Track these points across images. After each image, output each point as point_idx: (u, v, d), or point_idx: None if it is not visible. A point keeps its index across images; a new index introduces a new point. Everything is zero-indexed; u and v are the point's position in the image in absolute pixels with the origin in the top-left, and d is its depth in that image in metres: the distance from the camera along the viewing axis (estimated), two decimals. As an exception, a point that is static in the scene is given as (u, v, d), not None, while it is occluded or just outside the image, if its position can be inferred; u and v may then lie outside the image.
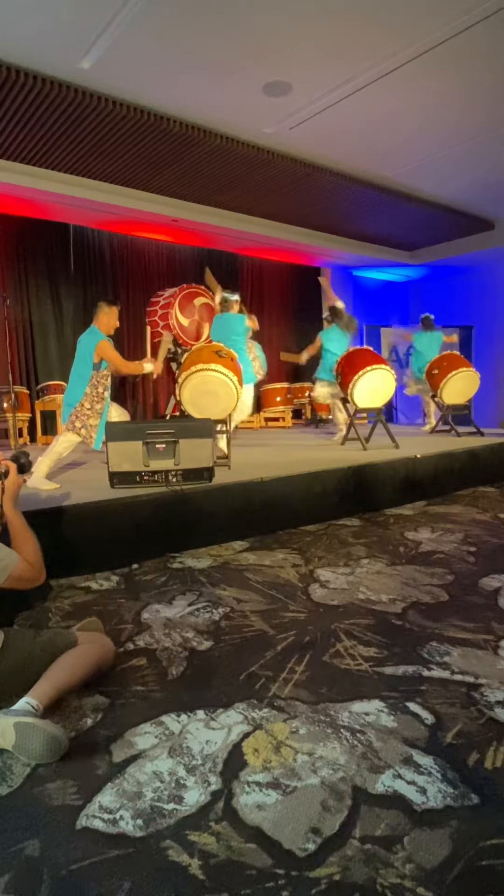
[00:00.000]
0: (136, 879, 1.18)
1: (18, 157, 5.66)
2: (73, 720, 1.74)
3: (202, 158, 5.84)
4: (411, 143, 5.89)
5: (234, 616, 2.53)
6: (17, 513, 2.08)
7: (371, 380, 5.67)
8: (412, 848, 1.23)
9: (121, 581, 3.04)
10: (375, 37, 4.10)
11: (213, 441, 3.96)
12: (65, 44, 4.08)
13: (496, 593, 2.77)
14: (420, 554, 3.44)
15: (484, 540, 3.72)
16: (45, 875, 1.19)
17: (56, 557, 2.96)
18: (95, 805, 1.38)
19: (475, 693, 1.85)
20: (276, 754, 1.56)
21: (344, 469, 4.46)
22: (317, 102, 5.00)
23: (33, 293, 7.45)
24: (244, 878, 1.17)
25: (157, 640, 2.29)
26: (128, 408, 7.83)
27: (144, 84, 4.64)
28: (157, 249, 8.48)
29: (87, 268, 7.86)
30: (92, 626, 2.19)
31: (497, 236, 8.74)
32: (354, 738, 1.62)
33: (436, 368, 6.85)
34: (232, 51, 4.24)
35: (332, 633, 2.33)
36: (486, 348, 10.15)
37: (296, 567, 3.22)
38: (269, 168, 6.14)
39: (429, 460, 5.17)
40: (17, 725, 1.52)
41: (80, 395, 3.98)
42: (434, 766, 1.49)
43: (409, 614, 2.53)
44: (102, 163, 5.86)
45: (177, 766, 1.52)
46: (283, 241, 8.27)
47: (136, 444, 3.75)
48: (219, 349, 4.95)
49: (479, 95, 4.99)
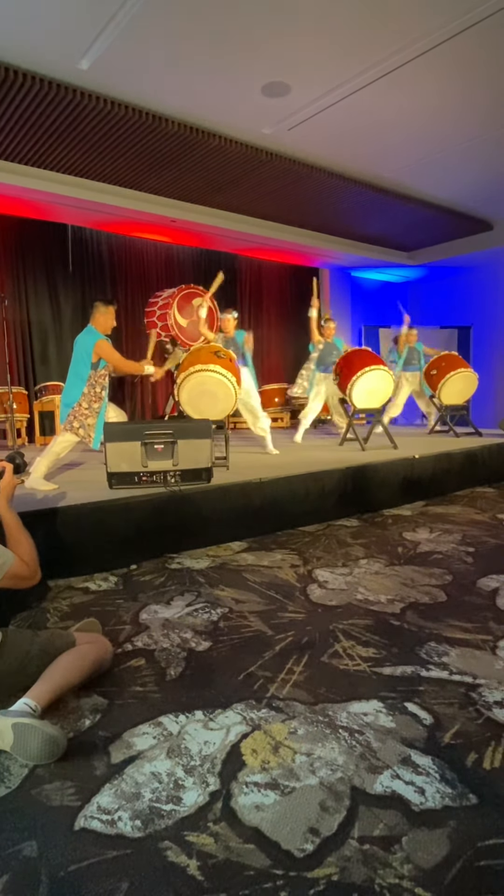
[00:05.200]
0: (134, 880, 1.18)
1: (16, 157, 5.65)
2: (71, 721, 1.74)
3: (200, 159, 5.84)
4: (410, 144, 5.90)
5: (233, 616, 2.52)
6: (13, 513, 2.08)
7: (369, 380, 5.68)
8: (410, 848, 1.23)
9: (119, 582, 3.04)
10: (374, 38, 4.10)
11: (212, 442, 3.96)
12: (63, 44, 4.08)
13: (494, 593, 2.77)
14: (418, 554, 3.44)
15: (482, 540, 3.72)
16: (43, 876, 1.19)
17: (54, 558, 2.97)
18: (94, 806, 1.38)
19: (473, 693, 1.85)
20: (274, 755, 1.55)
21: (342, 469, 4.47)
22: (315, 103, 5.01)
23: (31, 294, 7.44)
24: (242, 879, 1.17)
25: (155, 640, 2.29)
26: (126, 408, 7.83)
27: (143, 84, 4.64)
28: (156, 250, 8.48)
29: (85, 268, 7.86)
30: (90, 627, 2.19)
31: (495, 237, 8.75)
32: (353, 739, 1.62)
33: (434, 369, 6.86)
34: (230, 52, 4.24)
35: (331, 633, 2.33)
36: (484, 349, 10.17)
37: (294, 567, 3.22)
38: (267, 169, 6.14)
39: (427, 461, 5.18)
40: (16, 726, 1.52)
41: (77, 395, 3.98)
42: (432, 767, 1.49)
43: (407, 615, 2.53)
44: (101, 163, 5.86)
45: (175, 767, 1.51)
46: (282, 241, 8.28)
47: (134, 445, 3.75)
48: (217, 350, 4.95)
49: (478, 97, 5.00)
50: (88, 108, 4.76)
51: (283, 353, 10.03)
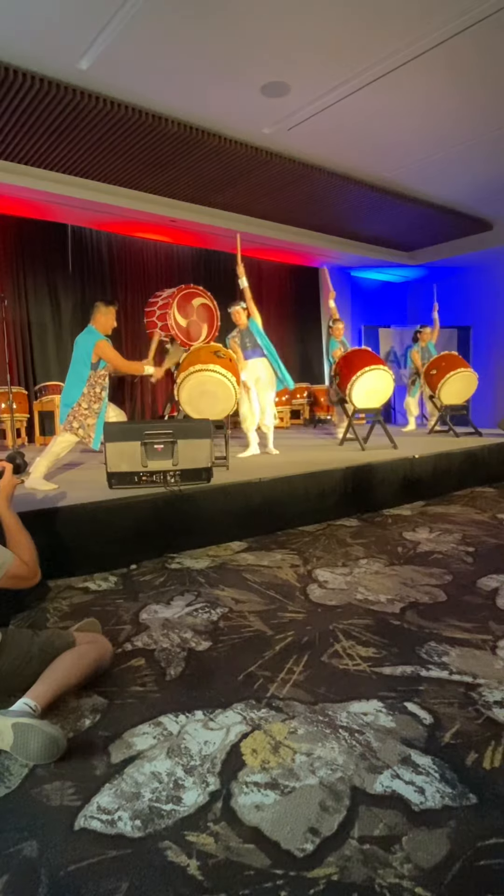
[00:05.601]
0: (134, 880, 1.17)
1: (16, 157, 5.65)
2: (71, 721, 1.74)
3: (200, 159, 5.84)
4: (409, 144, 5.90)
5: (233, 616, 2.52)
6: (12, 513, 2.08)
7: (369, 380, 5.68)
8: (410, 848, 1.23)
9: (119, 581, 3.04)
10: (373, 38, 4.10)
11: (212, 442, 3.96)
12: (63, 44, 4.08)
13: (494, 593, 2.77)
14: (418, 554, 3.44)
15: (482, 540, 3.72)
16: (43, 876, 1.19)
17: (54, 558, 2.97)
18: (94, 806, 1.38)
19: (473, 693, 1.85)
20: (274, 755, 1.55)
21: (342, 469, 4.46)
22: (315, 103, 5.01)
23: (31, 293, 7.45)
24: (242, 879, 1.17)
25: (155, 640, 2.29)
26: (125, 408, 7.83)
27: (143, 84, 4.64)
28: (156, 250, 8.48)
29: (85, 268, 7.86)
30: (90, 627, 2.19)
31: (495, 237, 8.76)
32: (353, 739, 1.62)
33: (434, 369, 6.86)
34: (230, 51, 4.24)
35: (331, 633, 2.33)
36: (483, 349, 10.17)
37: (294, 567, 3.22)
38: (267, 168, 6.14)
39: (427, 461, 5.18)
40: (16, 726, 1.52)
41: (77, 395, 3.98)
42: (432, 766, 1.49)
43: (407, 614, 2.53)
44: (101, 163, 5.86)
45: (175, 767, 1.51)
46: (282, 241, 8.28)
47: (134, 445, 3.75)
48: (217, 349, 4.95)
49: (477, 97, 5.00)
50: (88, 108, 4.76)
51: (283, 353, 10.00)
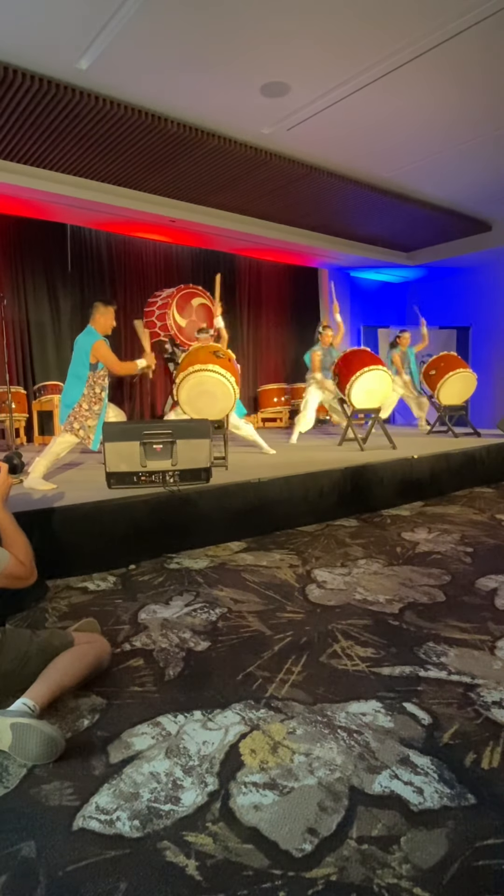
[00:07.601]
0: (132, 880, 1.17)
1: (15, 156, 5.64)
2: (69, 721, 1.74)
3: (200, 159, 5.84)
4: (409, 144, 5.90)
5: (231, 616, 2.52)
6: (8, 513, 2.08)
7: (368, 380, 5.68)
8: (409, 848, 1.23)
9: (118, 581, 3.04)
10: (373, 39, 4.10)
11: (211, 442, 3.96)
12: (62, 44, 4.07)
13: (493, 594, 2.77)
14: (417, 554, 3.44)
15: (481, 540, 3.73)
16: (41, 876, 1.19)
17: (53, 558, 2.97)
18: (92, 806, 1.38)
19: (472, 693, 1.85)
20: (273, 755, 1.55)
21: (341, 470, 4.47)
22: (314, 103, 5.01)
23: (30, 293, 7.43)
24: (241, 879, 1.17)
25: (153, 640, 2.29)
26: (125, 408, 7.83)
27: (142, 84, 4.64)
28: (155, 250, 8.48)
29: (84, 268, 7.85)
30: (89, 627, 2.19)
31: (494, 237, 8.76)
32: (351, 739, 1.62)
33: (433, 369, 6.86)
34: (230, 51, 4.24)
35: (329, 633, 2.33)
36: (483, 349, 10.17)
37: (293, 567, 3.22)
38: (266, 169, 6.14)
39: (426, 461, 5.18)
40: (14, 726, 1.52)
41: (77, 395, 3.97)
42: (431, 767, 1.49)
43: (405, 615, 2.53)
44: (100, 163, 5.85)
45: (174, 767, 1.51)
46: (281, 241, 8.27)
47: (133, 445, 3.75)
48: (216, 349, 4.95)
49: (476, 97, 5.00)
50: (87, 108, 4.75)
51: (283, 353, 10.04)
